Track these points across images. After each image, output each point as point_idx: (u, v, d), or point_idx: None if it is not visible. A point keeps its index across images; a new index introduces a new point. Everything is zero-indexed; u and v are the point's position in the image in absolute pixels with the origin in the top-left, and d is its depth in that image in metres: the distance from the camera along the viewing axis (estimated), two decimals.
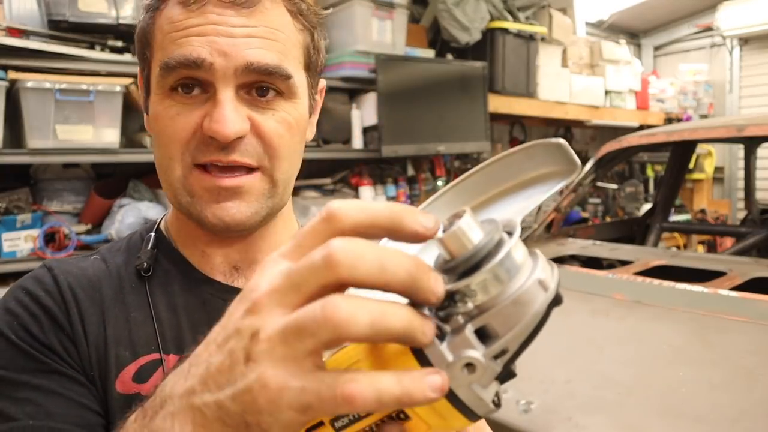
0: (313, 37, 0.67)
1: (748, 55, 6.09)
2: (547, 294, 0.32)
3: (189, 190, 0.63)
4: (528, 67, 3.98)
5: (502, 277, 0.32)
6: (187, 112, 0.61)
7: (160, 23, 0.62)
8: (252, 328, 0.31)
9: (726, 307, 1.56)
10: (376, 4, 3.19)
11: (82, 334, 0.61)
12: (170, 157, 0.62)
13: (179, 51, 0.59)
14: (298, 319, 0.29)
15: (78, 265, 0.67)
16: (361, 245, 0.30)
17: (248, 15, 0.60)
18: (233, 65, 0.59)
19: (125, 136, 2.63)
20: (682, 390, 1.27)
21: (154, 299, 0.66)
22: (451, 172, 3.80)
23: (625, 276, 1.86)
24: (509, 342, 0.32)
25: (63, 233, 2.38)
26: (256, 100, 0.62)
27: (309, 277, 0.30)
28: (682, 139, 2.46)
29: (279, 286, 0.31)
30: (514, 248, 0.32)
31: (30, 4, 2.39)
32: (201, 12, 0.59)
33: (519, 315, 0.31)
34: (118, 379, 0.61)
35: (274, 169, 0.64)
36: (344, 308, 0.28)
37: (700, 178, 5.88)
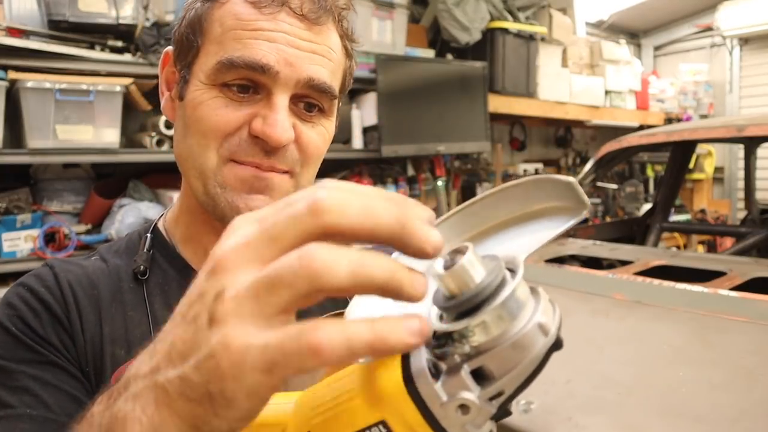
0: (351, 63, 0.70)
1: (748, 55, 6.09)
2: (547, 339, 0.32)
3: (221, 182, 0.62)
4: (528, 67, 3.98)
5: (503, 319, 0.31)
6: (234, 108, 0.61)
7: (221, 15, 0.61)
8: (216, 288, 0.28)
9: (726, 307, 1.55)
10: (376, 4, 3.19)
11: (79, 331, 0.61)
12: (206, 145, 0.62)
13: (247, 52, 0.59)
14: (271, 271, 0.27)
15: (79, 264, 0.68)
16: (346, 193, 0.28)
17: (316, 32, 0.62)
18: (296, 77, 0.60)
19: (125, 136, 2.64)
20: (682, 390, 1.27)
21: (151, 299, 0.66)
22: (451, 172, 3.80)
23: (625, 276, 1.86)
24: (505, 385, 0.31)
25: (63, 233, 2.38)
26: (302, 113, 0.64)
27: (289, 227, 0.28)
28: (682, 139, 2.46)
29: (251, 240, 0.28)
30: (517, 289, 0.32)
31: (30, 4, 2.39)
32: (273, 17, 0.60)
33: (517, 359, 0.31)
34: (113, 378, 0.61)
35: (302, 176, 0.66)
36: (323, 255, 0.27)
37: (700, 178, 5.88)
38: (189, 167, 0.64)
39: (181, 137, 0.65)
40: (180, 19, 0.66)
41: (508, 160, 4.81)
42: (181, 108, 0.65)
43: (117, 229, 2.48)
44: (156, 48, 2.55)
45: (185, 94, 0.64)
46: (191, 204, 0.68)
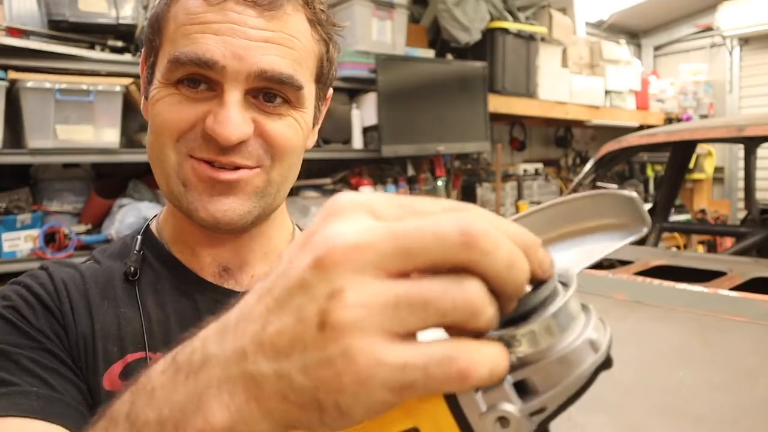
0: (328, 48, 0.66)
1: (748, 55, 6.09)
2: (597, 356, 0.30)
3: (183, 179, 0.61)
4: (528, 67, 3.98)
5: (552, 331, 0.29)
6: (189, 104, 0.59)
7: (175, 12, 0.60)
8: (331, 286, 0.25)
9: (726, 307, 1.55)
10: (376, 4, 3.19)
11: (72, 324, 0.62)
12: (164, 143, 0.61)
13: (192, 48, 0.57)
14: (425, 291, 0.24)
15: (72, 265, 0.69)
16: (499, 233, 0.25)
17: (269, 18, 0.58)
18: (246, 70, 0.57)
19: (125, 136, 2.63)
20: (682, 390, 1.27)
21: (143, 298, 0.66)
22: (451, 172, 3.80)
23: (625, 276, 1.86)
24: (549, 401, 0.30)
25: (63, 233, 2.38)
26: (263, 105, 0.61)
27: (432, 248, 0.24)
28: (682, 139, 2.45)
29: (379, 244, 0.25)
30: (569, 302, 0.30)
31: (30, 4, 2.39)
32: (221, 8, 0.57)
33: (563, 374, 0.29)
34: (106, 376, 0.61)
35: (272, 168, 0.63)
36: (482, 297, 0.25)
37: (700, 178, 5.88)
38: (154, 166, 0.64)
39: (148, 137, 0.64)
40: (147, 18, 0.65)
41: (508, 160, 4.81)
42: (146, 107, 0.65)
43: (117, 229, 2.48)
44: None
45: (149, 93, 0.63)
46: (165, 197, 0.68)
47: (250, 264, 0.71)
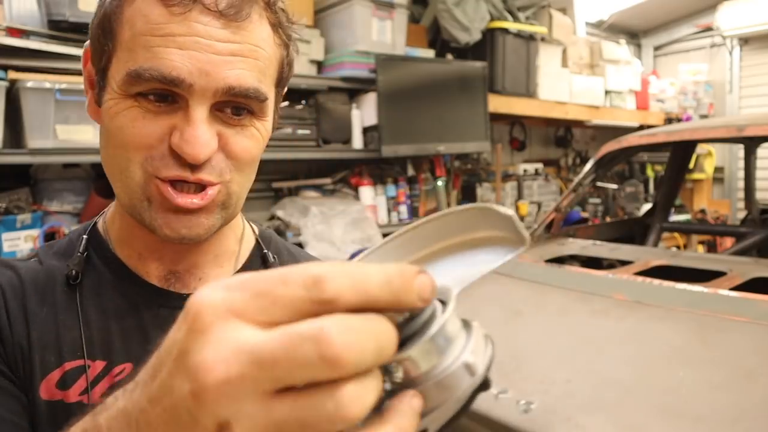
0: (288, 52, 0.64)
1: (748, 55, 6.09)
2: (473, 379, 0.30)
3: (148, 196, 0.59)
4: (528, 67, 3.98)
5: (430, 355, 0.30)
6: (152, 118, 0.56)
7: (130, 15, 0.56)
8: (215, 421, 0.26)
9: (726, 307, 1.55)
10: (376, 4, 3.19)
11: (9, 334, 0.60)
12: (129, 159, 0.58)
13: (155, 64, 0.54)
14: (292, 414, 0.25)
15: (13, 266, 0.65)
16: (361, 332, 0.26)
17: (235, 29, 0.55)
18: (214, 86, 0.55)
19: None
20: (682, 390, 1.27)
21: (83, 303, 0.64)
22: (451, 172, 3.80)
23: (625, 276, 1.86)
24: (429, 423, 0.30)
25: (63, 233, 2.38)
26: (228, 118, 0.59)
27: (296, 372, 0.25)
28: (682, 139, 2.46)
29: (249, 374, 0.25)
30: (447, 324, 0.30)
31: (30, 4, 2.39)
32: (184, 18, 0.54)
33: (441, 398, 0.30)
34: (42, 385, 0.59)
35: (232, 182, 0.61)
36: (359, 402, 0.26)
37: (700, 178, 5.88)
38: (114, 178, 0.61)
39: (104, 144, 0.61)
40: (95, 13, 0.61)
41: (508, 160, 4.81)
42: (97, 113, 0.62)
43: None
44: None
45: (102, 101, 0.60)
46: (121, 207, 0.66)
47: (200, 267, 0.69)
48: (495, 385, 1.38)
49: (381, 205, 3.35)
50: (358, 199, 3.26)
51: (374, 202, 3.31)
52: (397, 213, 3.42)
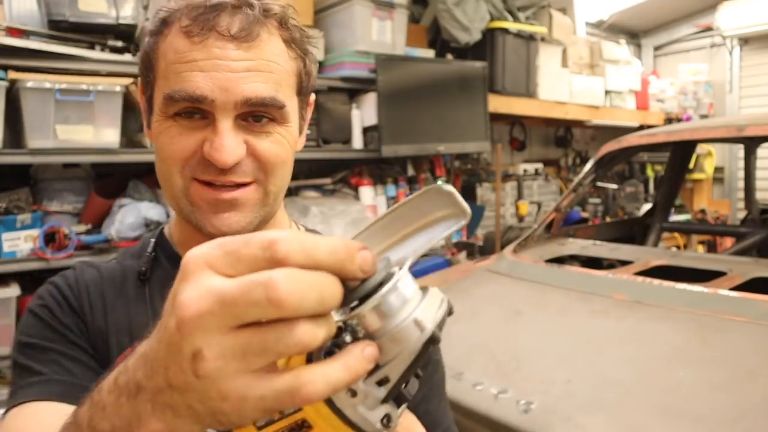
0: (305, 63, 0.72)
1: (748, 55, 6.09)
2: (422, 334, 0.35)
3: (190, 200, 0.69)
4: (528, 67, 3.98)
5: (384, 314, 0.35)
6: (187, 134, 0.66)
7: (163, 50, 0.66)
8: (191, 348, 0.33)
9: (726, 307, 1.56)
10: (376, 4, 3.19)
11: (90, 320, 0.73)
12: (171, 170, 0.68)
13: (182, 86, 0.64)
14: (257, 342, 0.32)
15: (97, 266, 0.79)
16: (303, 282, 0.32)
17: (247, 48, 0.64)
18: (233, 100, 0.64)
19: (125, 136, 2.63)
20: (682, 390, 1.27)
21: (152, 294, 0.75)
22: (451, 172, 3.81)
23: (625, 276, 1.86)
24: (389, 372, 0.36)
25: (63, 233, 2.38)
26: (253, 126, 0.67)
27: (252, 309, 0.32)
28: (682, 139, 2.46)
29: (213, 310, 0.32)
30: (399, 285, 0.35)
31: (30, 4, 2.39)
32: (203, 45, 0.63)
33: (396, 350, 0.35)
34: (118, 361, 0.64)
35: (267, 183, 0.70)
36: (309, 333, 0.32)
37: (700, 178, 5.88)
38: (164, 187, 0.72)
39: (156, 160, 0.71)
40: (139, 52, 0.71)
41: (508, 160, 4.81)
42: (150, 136, 0.72)
43: (117, 229, 2.48)
44: None
45: (150, 123, 0.71)
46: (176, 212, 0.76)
47: None
48: (495, 385, 1.38)
49: (381, 205, 3.35)
50: (358, 199, 3.26)
51: (374, 202, 3.31)
52: None
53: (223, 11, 0.64)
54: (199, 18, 0.64)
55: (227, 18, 0.64)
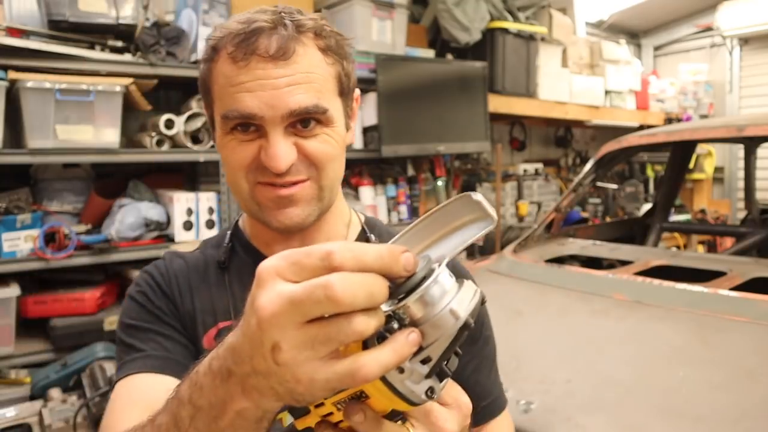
0: (343, 66, 0.80)
1: (748, 55, 6.09)
2: (456, 322, 0.43)
3: (257, 201, 0.79)
4: (528, 67, 3.98)
5: (426, 304, 0.43)
6: (245, 145, 0.76)
7: (215, 75, 0.76)
8: (270, 342, 0.41)
9: (726, 307, 1.56)
10: (376, 4, 3.19)
11: (180, 302, 0.85)
12: (237, 177, 0.79)
13: (235, 107, 0.73)
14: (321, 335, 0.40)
15: (183, 256, 0.91)
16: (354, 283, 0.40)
17: (286, 65, 0.72)
18: (279, 114, 0.73)
19: (125, 136, 2.63)
20: (682, 390, 1.27)
21: (230, 280, 0.87)
22: (451, 172, 3.80)
23: (625, 276, 1.86)
24: (430, 353, 0.44)
25: (63, 233, 2.38)
26: (301, 131, 0.76)
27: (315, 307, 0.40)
28: (682, 139, 2.46)
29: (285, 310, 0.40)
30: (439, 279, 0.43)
31: (30, 4, 2.39)
32: (247, 68, 0.72)
33: (436, 335, 0.43)
34: (205, 338, 0.84)
35: (320, 178, 0.79)
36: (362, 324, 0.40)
37: (700, 178, 5.88)
38: (234, 191, 0.83)
39: (225, 169, 0.83)
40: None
41: (508, 160, 4.81)
42: (217, 147, 0.83)
43: (117, 229, 2.48)
44: (156, 48, 2.55)
45: (215, 138, 0.82)
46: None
47: None
48: None
49: (381, 205, 3.35)
50: (358, 199, 3.26)
51: (374, 202, 3.31)
52: (397, 213, 3.42)
53: (260, 35, 0.72)
54: (241, 44, 0.72)
55: (265, 40, 0.72)
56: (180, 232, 2.63)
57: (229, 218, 2.79)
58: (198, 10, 2.62)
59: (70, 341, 2.44)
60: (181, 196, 2.66)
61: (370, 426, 0.47)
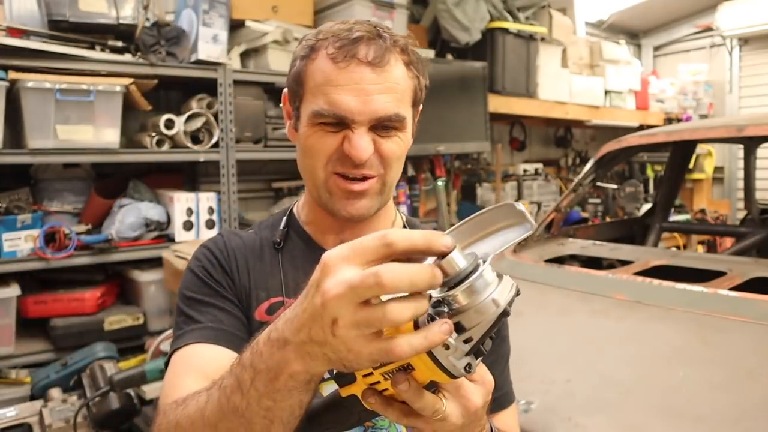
0: (419, 81, 0.90)
1: (748, 55, 6.09)
2: (497, 309, 0.51)
3: (329, 190, 0.87)
4: (528, 67, 3.98)
5: (472, 293, 0.51)
6: (331, 136, 0.84)
7: (311, 70, 0.84)
8: (330, 317, 0.50)
9: (726, 307, 1.56)
10: (376, 4, 3.19)
11: (237, 278, 0.92)
12: (316, 166, 0.86)
13: (330, 104, 0.81)
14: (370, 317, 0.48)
15: (239, 235, 0.98)
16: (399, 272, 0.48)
17: (379, 72, 0.82)
18: (368, 116, 0.82)
19: (125, 136, 2.64)
20: (682, 390, 1.27)
21: (283, 260, 0.94)
22: (451, 172, 3.80)
23: (625, 276, 1.86)
24: (472, 333, 0.52)
25: (63, 233, 2.38)
26: (380, 132, 0.85)
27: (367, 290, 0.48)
28: (682, 139, 2.46)
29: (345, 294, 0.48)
30: (483, 273, 0.51)
31: (30, 4, 2.39)
32: (347, 70, 0.81)
33: (478, 319, 0.51)
34: (257, 311, 0.91)
35: (386, 176, 0.88)
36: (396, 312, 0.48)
37: (700, 178, 5.88)
38: (307, 180, 0.91)
39: (301, 158, 0.90)
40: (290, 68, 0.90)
41: (508, 160, 4.81)
42: (298, 137, 0.90)
43: (117, 229, 2.48)
44: (156, 48, 2.55)
45: (299, 127, 0.89)
46: (311, 198, 0.95)
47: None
48: None
49: None
50: None
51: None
52: None
53: (361, 42, 0.81)
54: (343, 48, 0.81)
55: (365, 48, 0.81)
56: (180, 232, 2.63)
57: (229, 218, 2.79)
58: (198, 10, 2.62)
59: (70, 341, 2.44)
60: (181, 196, 2.66)
61: (413, 394, 0.55)
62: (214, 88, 2.72)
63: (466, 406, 0.59)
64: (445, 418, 0.58)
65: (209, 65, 2.67)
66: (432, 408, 0.56)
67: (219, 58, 2.69)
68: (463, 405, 0.59)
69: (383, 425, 0.86)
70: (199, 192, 2.75)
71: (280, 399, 0.57)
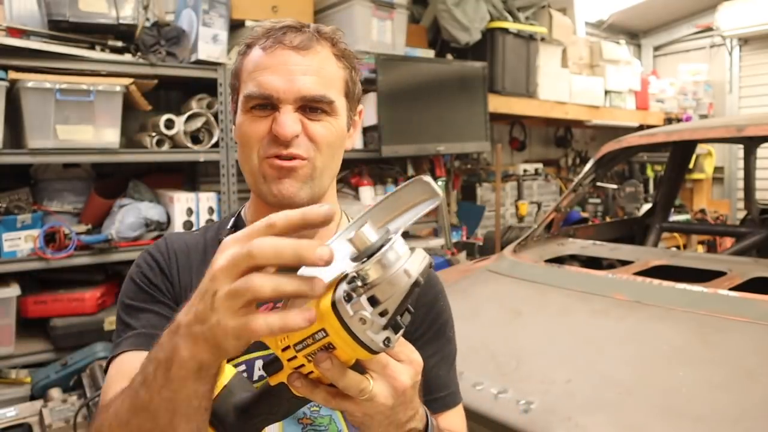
0: (351, 74, 0.92)
1: (748, 55, 6.09)
2: (409, 280, 0.51)
3: (263, 174, 0.88)
4: (528, 67, 3.98)
5: (384, 266, 0.51)
6: (261, 121, 0.87)
7: (246, 63, 0.89)
8: (212, 290, 0.52)
9: (726, 307, 1.56)
10: (376, 4, 3.19)
11: (177, 282, 0.92)
12: (251, 153, 0.88)
13: (258, 86, 0.85)
14: (233, 287, 0.51)
15: (183, 237, 0.99)
16: (268, 245, 0.50)
17: (304, 55, 0.85)
18: (293, 94, 0.85)
19: (125, 136, 2.63)
20: (682, 390, 1.27)
21: None
22: (451, 172, 3.80)
23: (625, 276, 1.86)
24: (387, 306, 0.52)
25: (63, 233, 2.38)
26: (309, 114, 0.87)
27: (241, 263, 0.51)
28: (682, 139, 2.46)
29: (226, 265, 0.52)
30: (394, 245, 0.52)
31: (30, 4, 2.39)
32: (273, 54, 0.86)
33: (392, 291, 0.51)
34: None
35: (315, 159, 0.88)
36: (257, 282, 0.50)
37: (700, 178, 5.88)
38: (243, 169, 0.92)
39: (239, 151, 0.92)
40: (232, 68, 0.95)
41: (508, 160, 4.81)
42: (235, 131, 0.92)
43: (117, 229, 2.48)
44: (156, 48, 2.55)
45: (236, 120, 0.92)
46: (253, 194, 0.96)
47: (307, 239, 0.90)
48: (495, 385, 1.38)
49: None
50: (358, 199, 3.25)
51: (374, 202, 3.31)
52: None
53: (288, 31, 0.86)
54: (270, 36, 0.86)
55: (291, 35, 0.86)
56: None
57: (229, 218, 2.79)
58: (198, 10, 2.62)
59: (70, 341, 2.44)
60: (181, 196, 2.66)
61: (336, 373, 0.55)
62: (214, 88, 2.72)
63: (393, 385, 0.58)
64: (372, 398, 0.57)
65: (209, 65, 2.67)
66: (358, 387, 0.56)
67: (219, 58, 2.69)
68: (391, 384, 0.58)
69: (322, 423, 0.86)
70: (199, 192, 2.75)
71: (176, 389, 0.56)
